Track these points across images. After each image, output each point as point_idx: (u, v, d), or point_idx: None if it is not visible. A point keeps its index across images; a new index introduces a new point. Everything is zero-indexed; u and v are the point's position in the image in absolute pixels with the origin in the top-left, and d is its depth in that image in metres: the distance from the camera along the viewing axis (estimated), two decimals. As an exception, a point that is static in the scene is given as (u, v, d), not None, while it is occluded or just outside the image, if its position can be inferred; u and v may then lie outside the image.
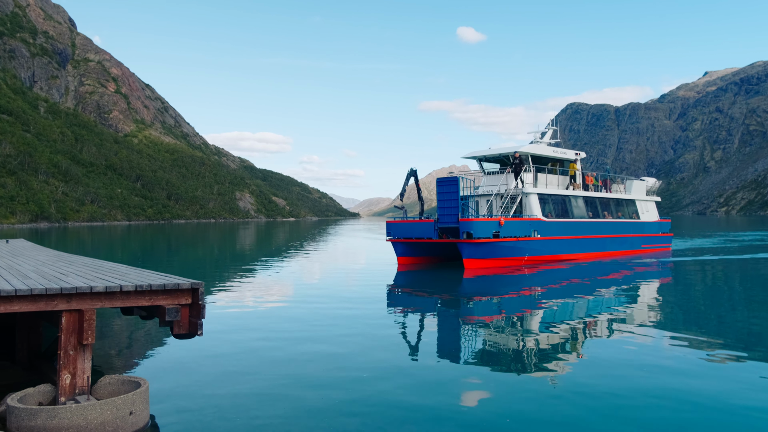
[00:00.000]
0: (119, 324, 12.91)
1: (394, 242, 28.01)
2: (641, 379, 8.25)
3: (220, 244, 54.33)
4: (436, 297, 17.43)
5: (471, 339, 11.49)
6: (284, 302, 16.43)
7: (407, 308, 15.15)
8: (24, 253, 13.24)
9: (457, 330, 12.44)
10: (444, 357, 9.99)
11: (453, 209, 25.64)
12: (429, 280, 22.05)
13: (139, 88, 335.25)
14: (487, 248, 25.26)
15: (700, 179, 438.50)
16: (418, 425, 6.55)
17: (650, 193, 38.28)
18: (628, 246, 33.10)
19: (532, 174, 29.24)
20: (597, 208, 32.10)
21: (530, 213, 27.74)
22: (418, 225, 27.32)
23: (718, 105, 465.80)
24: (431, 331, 12.50)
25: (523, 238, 26.44)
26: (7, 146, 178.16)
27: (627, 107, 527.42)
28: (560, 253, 28.55)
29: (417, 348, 10.69)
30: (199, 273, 25.56)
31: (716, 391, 7.75)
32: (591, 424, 6.57)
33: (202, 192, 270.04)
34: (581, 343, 10.80)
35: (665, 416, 6.79)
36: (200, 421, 6.68)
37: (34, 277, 7.56)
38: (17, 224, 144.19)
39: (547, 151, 30.44)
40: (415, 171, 28.70)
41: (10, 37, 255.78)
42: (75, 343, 6.39)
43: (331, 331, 11.98)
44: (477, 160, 31.66)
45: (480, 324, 12.82)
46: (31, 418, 5.79)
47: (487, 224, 25.33)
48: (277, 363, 9.32)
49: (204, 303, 6.96)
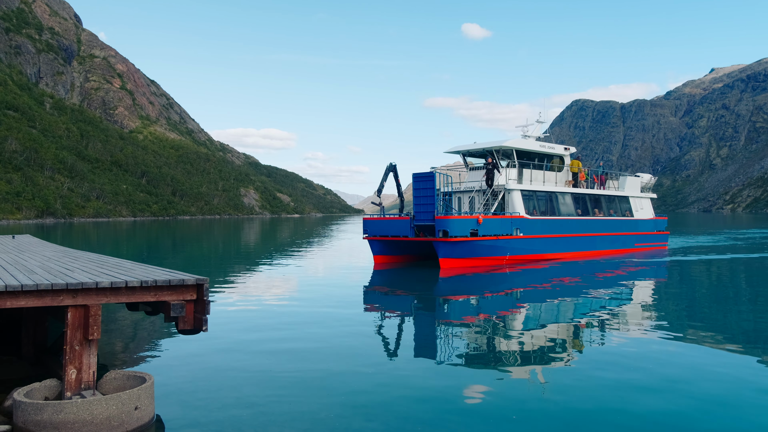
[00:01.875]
0: (124, 319, 12.97)
1: (371, 240, 26.83)
2: (621, 383, 8.03)
3: (225, 241, 54.44)
4: (411, 296, 16.93)
5: (445, 342, 11.10)
6: (288, 298, 16.46)
7: (383, 309, 15.01)
8: (30, 249, 13.30)
9: (429, 332, 12.12)
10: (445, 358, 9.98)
11: (429, 206, 24.42)
12: (403, 280, 21.24)
13: (145, 84, 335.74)
14: (464, 247, 24.06)
15: (706, 176, 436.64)
16: (426, 424, 6.56)
17: (645, 189, 36.93)
18: (620, 245, 31.91)
19: (516, 170, 27.97)
20: (587, 205, 30.92)
21: (513, 210, 26.54)
22: (394, 222, 26.08)
23: (725, 102, 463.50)
24: (408, 332, 12.50)
25: (503, 236, 25.22)
26: (14, 142, 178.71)
27: (633, 104, 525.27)
28: (545, 252, 27.38)
29: (418, 346, 10.70)
30: (204, 269, 25.63)
31: (710, 394, 7.74)
32: (576, 428, 6.57)
33: (207, 188, 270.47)
34: (560, 346, 10.43)
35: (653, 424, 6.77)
36: (205, 416, 6.71)
37: (40, 272, 7.59)
38: (23, 220, 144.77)
39: (533, 146, 29.09)
40: (394, 166, 27.33)
41: (16, 33, 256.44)
42: (80, 339, 6.42)
43: (336, 328, 12.00)
44: (461, 154, 30.44)
45: (455, 325, 12.43)
46: (38, 412, 5.82)
47: (464, 222, 24.09)
48: (280, 358, 9.35)
49: (209, 299, 6.97)
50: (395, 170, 27.37)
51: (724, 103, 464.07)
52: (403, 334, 11.69)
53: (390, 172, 27.33)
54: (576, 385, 7.87)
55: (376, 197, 27.68)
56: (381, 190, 27.69)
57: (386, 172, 27.31)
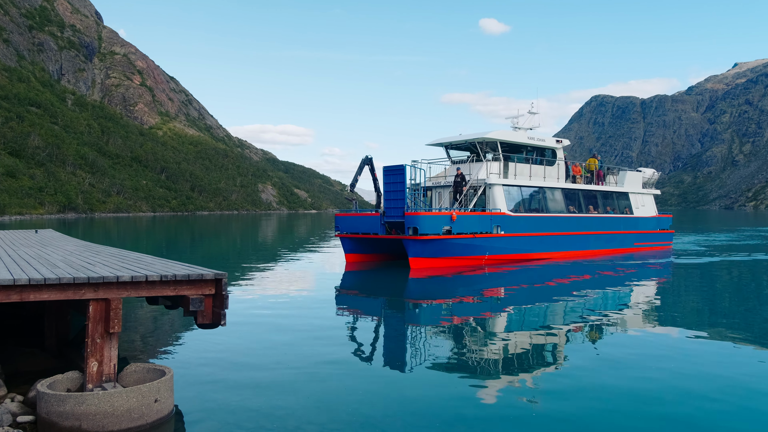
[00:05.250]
0: (144, 313, 13.13)
1: (342, 238, 25.21)
2: (607, 390, 7.71)
3: (243, 236, 54.79)
4: (376, 300, 15.97)
5: (401, 349, 10.39)
6: (306, 293, 16.53)
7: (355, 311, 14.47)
8: (52, 243, 13.51)
9: (399, 337, 11.57)
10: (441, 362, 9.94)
11: (399, 201, 22.82)
12: (370, 281, 20.15)
13: (164, 80, 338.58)
14: (436, 246, 22.40)
15: (728, 173, 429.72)
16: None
17: (648, 185, 34.40)
18: (617, 244, 29.85)
19: (499, 163, 26.02)
20: (579, 201, 28.87)
21: (494, 206, 24.71)
22: (364, 219, 24.55)
23: (748, 97, 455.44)
24: (379, 335, 12.43)
25: (481, 234, 23.53)
26: (36, 138, 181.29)
27: (653, 99, 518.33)
28: (531, 251, 25.57)
29: (419, 344, 10.69)
30: (222, 264, 25.83)
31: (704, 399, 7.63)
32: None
33: (225, 184, 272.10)
34: (534, 352, 9.81)
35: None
36: (223, 410, 6.78)
37: (63, 266, 7.71)
38: (45, 215, 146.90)
39: (520, 138, 27.10)
40: (370, 159, 25.44)
41: (39, 30, 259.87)
42: (102, 332, 6.51)
43: (353, 324, 12.02)
44: (443, 147, 28.45)
45: (420, 332, 11.59)
46: (60, 403, 5.93)
47: (436, 219, 22.44)
48: (298, 353, 9.40)
49: (227, 293, 7.04)
50: (371, 163, 25.67)
51: (747, 98, 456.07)
52: (364, 339, 11.38)
53: (365, 165, 25.64)
54: (556, 394, 7.51)
55: (349, 192, 26.22)
56: (354, 185, 26.32)
57: (361, 165, 25.64)
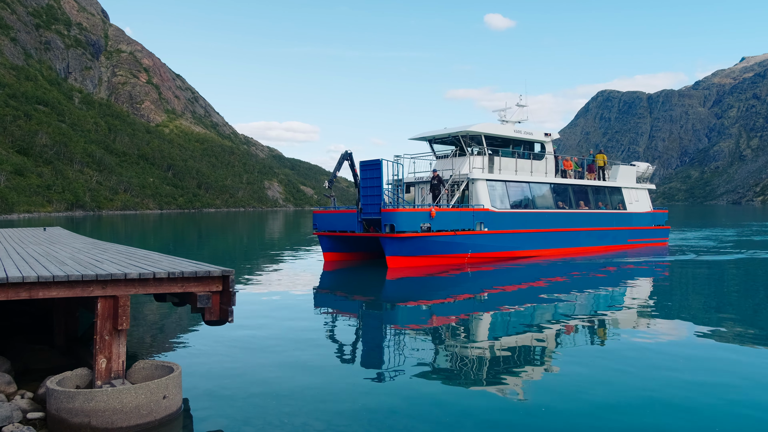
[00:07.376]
0: (152, 310, 13.19)
1: (320, 236, 24.38)
2: (595, 393, 7.38)
3: (250, 233, 54.93)
4: (355, 302, 15.28)
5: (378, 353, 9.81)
6: (313, 289, 16.57)
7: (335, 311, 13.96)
8: (60, 241, 13.59)
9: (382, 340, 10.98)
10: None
11: (376, 197, 22.07)
12: (347, 280, 19.64)
13: (170, 78, 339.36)
14: (414, 243, 21.59)
15: (736, 168, 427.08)
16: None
17: (642, 179, 33.26)
18: (609, 241, 28.89)
19: (483, 158, 25.13)
20: (569, 197, 27.95)
21: (477, 202, 23.91)
22: (341, 216, 23.82)
23: (756, 92, 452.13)
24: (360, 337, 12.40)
25: (463, 231, 22.69)
26: (44, 136, 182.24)
27: (660, 94, 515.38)
28: (516, 249, 24.77)
29: (421, 342, 10.69)
30: (229, 261, 25.92)
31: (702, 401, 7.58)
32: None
33: (231, 181, 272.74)
34: (511, 356, 9.27)
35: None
36: (231, 406, 6.80)
37: (71, 263, 7.75)
38: (53, 213, 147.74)
39: (505, 131, 26.11)
40: (349, 153, 24.54)
41: (46, 29, 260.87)
42: (110, 329, 6.55)
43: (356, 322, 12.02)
44: (427, 141, 27.24)
45: (397, 334, 11.09)
46: (69, 400, 5.97)
47: (414, 215, 21.63)
48: (306, 349, 9.42)
49: (234, 290, 7.06)
50: (351, 158, 24.73)
51: (755, 92, 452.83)
52: (333, 342, 10.91)
53: (345, 160, 24.72)
54: (543, 395, 7.35)
55: (328, 188, 25.53)
56: (333, 181, 25.65)
57: (340, 160, 24.74)
